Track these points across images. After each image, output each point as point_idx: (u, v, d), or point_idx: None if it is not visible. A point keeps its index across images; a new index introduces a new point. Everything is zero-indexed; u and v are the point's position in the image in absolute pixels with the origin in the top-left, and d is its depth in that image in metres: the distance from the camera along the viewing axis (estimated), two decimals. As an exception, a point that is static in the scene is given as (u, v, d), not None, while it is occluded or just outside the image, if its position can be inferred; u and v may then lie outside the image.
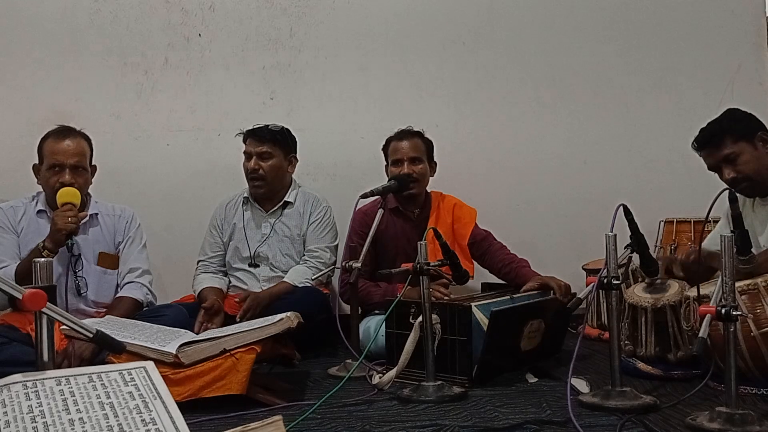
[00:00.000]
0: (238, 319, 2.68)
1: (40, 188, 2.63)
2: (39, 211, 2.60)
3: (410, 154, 2.83)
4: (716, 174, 2.35)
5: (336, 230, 3.09)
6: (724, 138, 2.28)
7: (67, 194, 2.46)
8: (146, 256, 2.73)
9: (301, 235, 3.03)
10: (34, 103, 3.30)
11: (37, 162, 2.59)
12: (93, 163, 2.64)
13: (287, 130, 3.03)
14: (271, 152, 2.96)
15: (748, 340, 1.97)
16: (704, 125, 2.35)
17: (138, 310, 2.57)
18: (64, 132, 2.56)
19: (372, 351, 2.37)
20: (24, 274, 2.34)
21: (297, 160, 3.09)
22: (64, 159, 2.51)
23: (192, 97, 3.40)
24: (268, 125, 2.99)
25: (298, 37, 3.44)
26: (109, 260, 2.63)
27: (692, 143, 2.36)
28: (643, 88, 3.54)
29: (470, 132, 3.48)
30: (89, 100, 3.34)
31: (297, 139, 3.08)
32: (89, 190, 2.66)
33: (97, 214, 2.65)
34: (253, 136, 2.97)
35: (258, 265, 3.01)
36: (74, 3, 3.35)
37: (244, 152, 3.00)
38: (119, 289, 2.63)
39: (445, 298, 2.51)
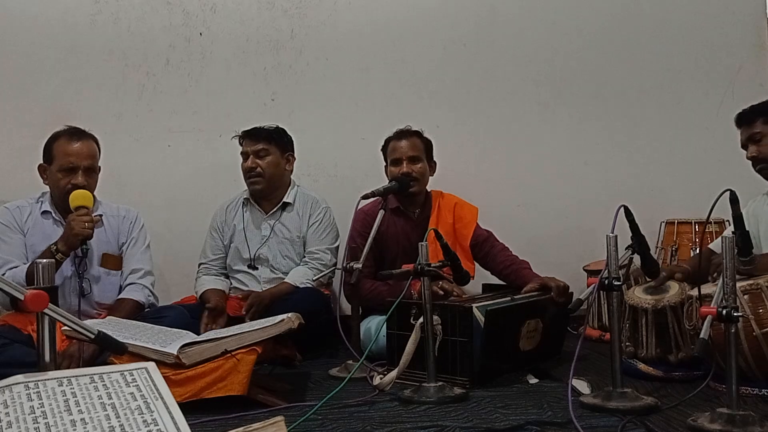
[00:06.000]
0: (244, 312, 2.71)
1: (42, 189, 2.62)
2: (44, 212, 2.59)
3: (409, 153, 2.82)
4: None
5: (336, 232, 3.09)
6: (756, 118, 2.35)
7: (82, 197, 2.43)
8: (149, 257, 2.73)
9: (301, 237, 3.03)
10: (35, 105, 3.29)
11: (42, 162, 2.56)
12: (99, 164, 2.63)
13: (282, 129, 3.04)
14: (267, 149, 2.97)
15: (750, 339, 1.98)
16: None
17: (139, 312, 2.57)
18: (76, 133, 2.54)
19: (373, 352, 2.37)
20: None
21: (294, 159, 3.10)
22: (78, 161, 2.49)
23: (193, 98, 3.40)
24: (262, 126, 3.01)
25: (299, 38, 3.44)
26: (113, 261, 2.63)
27: (734, 118, 2.44)
28: (643, 88, 3.54)
29: (470, 132, 3.49)
30: (90, 102, 3.33)
31: (297, 140, 3.09)
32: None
33: (101, 215, 2.64)
34: (249, 136, 3.00)
35: (258, 267, 3.01)
36: (75, 4, 3.35)
37: (241, 153, 3.01)
38: (121, 290, 2.63)
39: (454, 292, 2.50)
